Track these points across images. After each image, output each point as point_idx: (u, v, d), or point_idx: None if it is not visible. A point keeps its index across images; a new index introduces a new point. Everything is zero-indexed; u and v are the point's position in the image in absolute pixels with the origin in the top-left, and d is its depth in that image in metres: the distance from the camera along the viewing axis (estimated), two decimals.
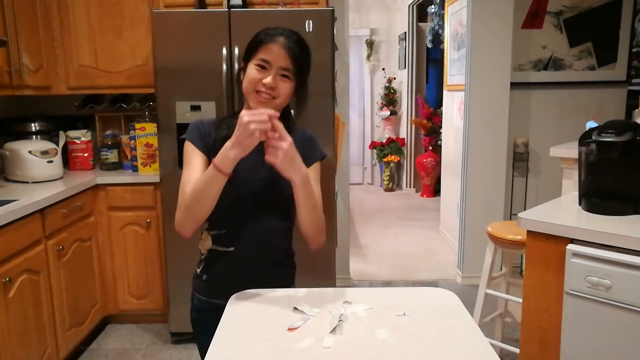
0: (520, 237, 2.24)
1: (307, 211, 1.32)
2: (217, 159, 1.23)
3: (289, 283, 1.49)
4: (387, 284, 3.76)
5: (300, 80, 1.36)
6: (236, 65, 2.55)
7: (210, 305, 1.39)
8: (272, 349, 1.03)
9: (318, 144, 1.47)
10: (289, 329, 1.11)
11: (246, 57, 1.36)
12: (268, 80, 1.30)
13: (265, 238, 1.40)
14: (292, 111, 1.51)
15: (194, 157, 1.36)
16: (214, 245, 1.41)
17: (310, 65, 1.39)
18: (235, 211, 1.37)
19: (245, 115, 1.18)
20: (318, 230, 1.37)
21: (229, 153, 1.21)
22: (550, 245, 1.72)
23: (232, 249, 1.39)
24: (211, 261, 1.43)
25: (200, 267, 1.46)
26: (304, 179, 1.26)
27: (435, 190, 6.42)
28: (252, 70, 1.32)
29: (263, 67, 1.31)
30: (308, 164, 1.39)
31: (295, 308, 1.20)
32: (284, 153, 1.19)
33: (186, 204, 1.29)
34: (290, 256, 1.51)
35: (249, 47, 1.36)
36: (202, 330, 1.14)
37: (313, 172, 1.41)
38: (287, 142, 1.20)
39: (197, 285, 1.47)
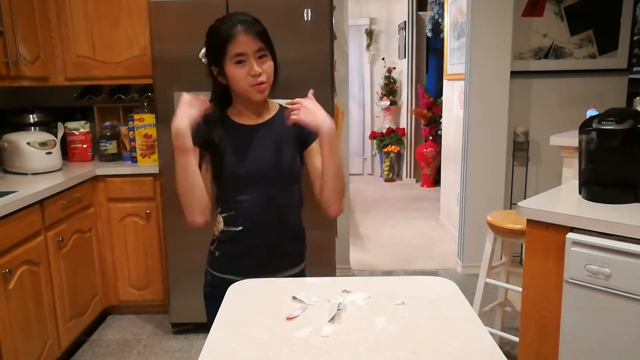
0: (520, 226, 2.23)
1: (332, 172, 1.36)
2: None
3: (299, 260, 1.54)
4: (387, 273, 3.76)
5: (272, 52, 1.40)
6: None
7: (224, 280, 1.44)
8: (271, 337, 1.03)
9: None
10: (288, 318, 1.11)
11: (216, 61, 1.37)
12: (255, 69, 1.33)
13: (273, 216, 1.46)
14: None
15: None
16: (225, 226, 1.46)
17: (265, 28, 1.41)
18: (242, 192, 1.43)
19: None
20: (340, 197, 1.41)
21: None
22: (550, 234, 1.72)
23: (241, 228, 1.44)
24: (223, 240, 1.48)
25: (214, 245, 1.52)
26: (330, 130, 1.31)
27: (436, 180, 6.42)
28: (233, 69, 1.34)
29: (241, 61, 1.34)
30: (310, 140, 1.46)
31: (294, 297, 1.20)
32: (304, 107, 1.31)
33: (179, 195, 1.38)
34: (300, 233, 1.54)
35: (215, 50, 1.36)
36: (215, 305, 1.19)
37: (318, 146, 1.46)
38: (303, 101, 1.32)
39: (210, 261, 1.53)
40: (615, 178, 1.80)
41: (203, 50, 1.45)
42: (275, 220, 1.46)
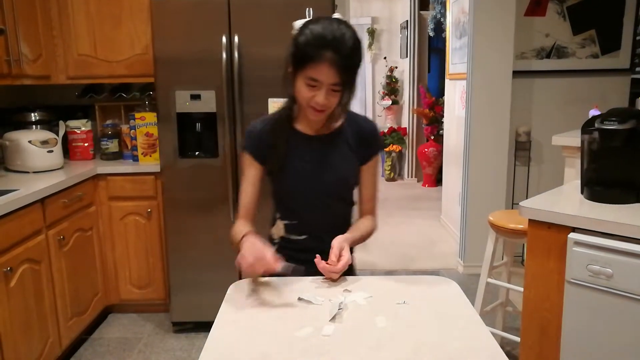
0: (521, 226, 2.23)
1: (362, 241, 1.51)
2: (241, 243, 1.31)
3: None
4: (389, 273, 3.76)
5: (351, 83, 1.32)
6: (236, 54, 2.53)
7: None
8: (272, 336, 1.03)
9: (379, 135, 1.52)
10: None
11: (294, 65, 1.30)
12: (320, 100, 1.28)
13: (333, 226, 1.47)
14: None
15: (251, 169, 1.45)
16: (286, 233, 1.48)
17: (362, 57, 1.33)
18: (307, 205, 1.45)
19: (243, 264, 1.21)
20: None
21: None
22: (552, 234, 1.71)
23: (304, 237, 1.47)
24: (286, 247, 1.49)
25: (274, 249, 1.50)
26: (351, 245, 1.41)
27: (437, 180, 6.41)
28: (302, 86, 1.29)
29: (313, 85, 1.28)
30: (368, 159, 1.48)
31: (299, 298, 1.20)
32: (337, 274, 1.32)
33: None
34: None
35: (296, 56, 1.29)
36: None
37: (372, 166, 1.51)
38: (338, 268, 1.29)
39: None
40: (618, 178, 1.79)
41: (299, 23, 1.35)
42: (334, 228, 1.45)
